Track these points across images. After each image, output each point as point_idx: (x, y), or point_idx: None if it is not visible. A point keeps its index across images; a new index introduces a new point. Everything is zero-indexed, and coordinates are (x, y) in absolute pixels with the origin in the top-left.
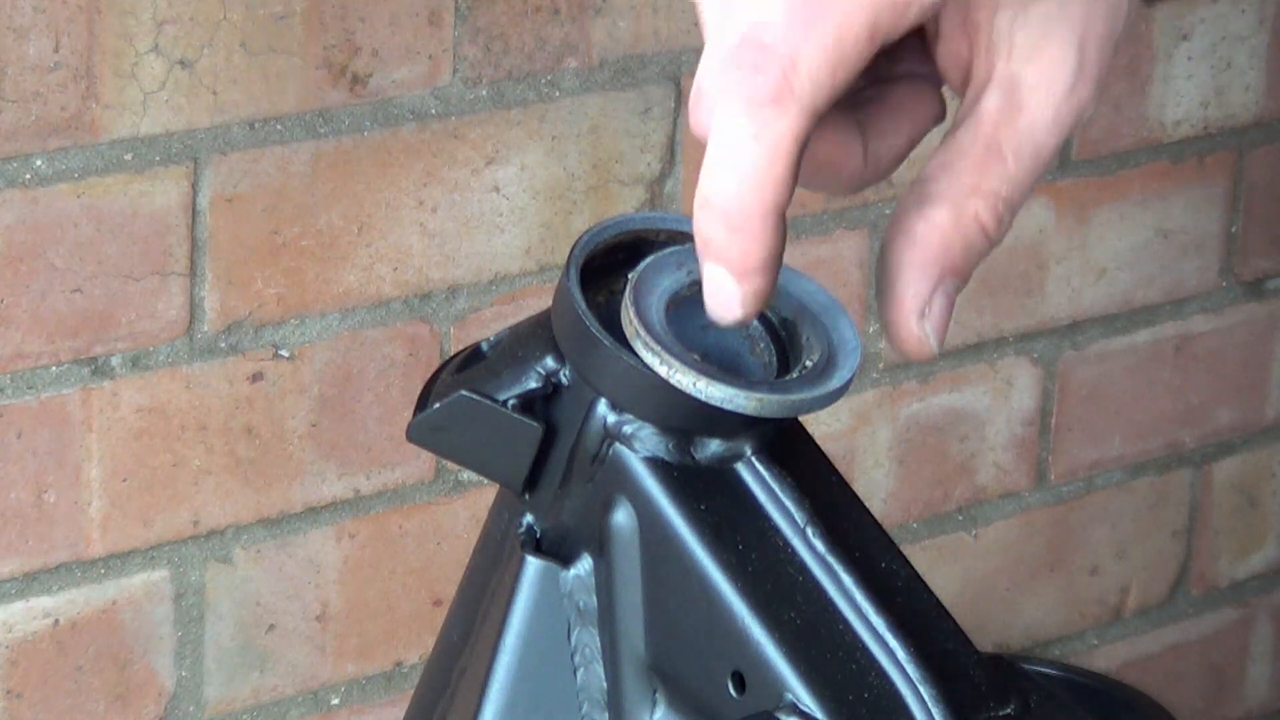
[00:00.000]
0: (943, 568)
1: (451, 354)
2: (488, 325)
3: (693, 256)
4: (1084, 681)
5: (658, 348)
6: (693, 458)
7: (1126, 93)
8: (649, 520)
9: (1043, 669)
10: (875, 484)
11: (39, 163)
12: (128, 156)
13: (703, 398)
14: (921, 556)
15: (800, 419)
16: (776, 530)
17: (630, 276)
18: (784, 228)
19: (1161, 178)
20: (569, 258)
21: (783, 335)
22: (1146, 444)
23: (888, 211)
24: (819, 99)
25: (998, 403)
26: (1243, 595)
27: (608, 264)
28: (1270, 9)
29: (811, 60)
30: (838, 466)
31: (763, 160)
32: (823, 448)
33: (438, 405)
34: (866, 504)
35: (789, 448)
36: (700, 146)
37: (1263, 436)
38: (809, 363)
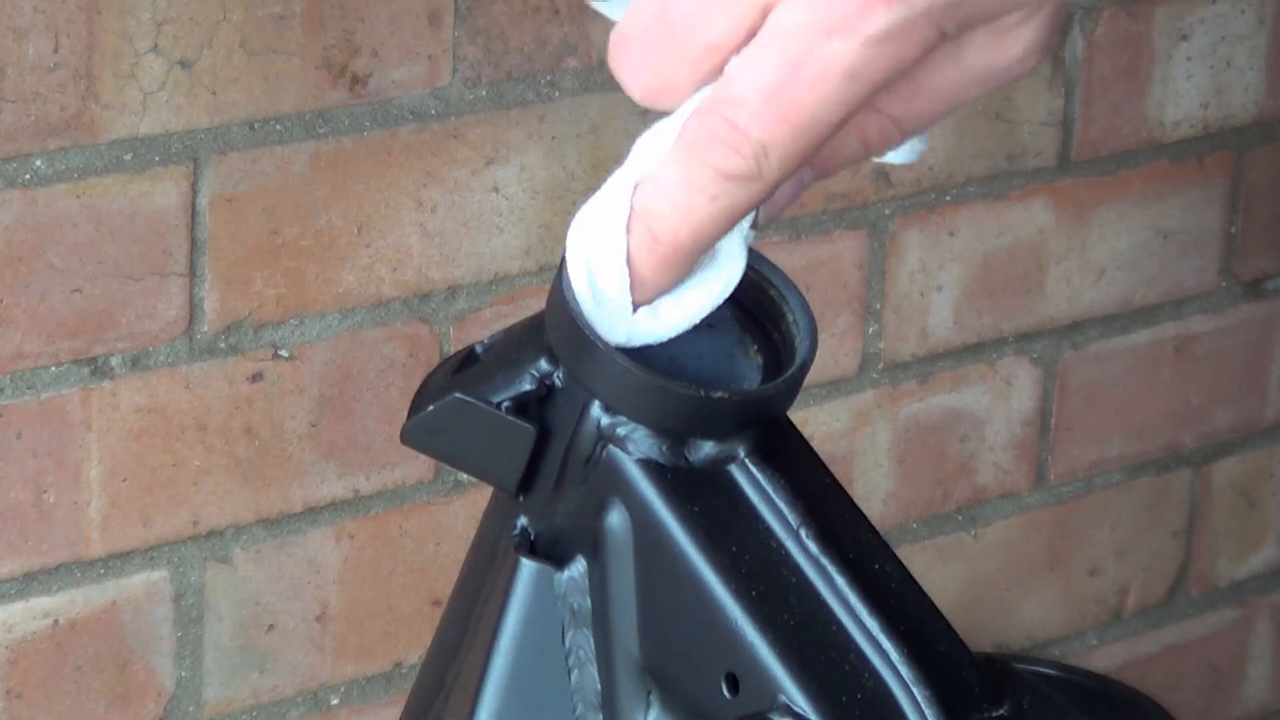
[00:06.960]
0: (943, 568)
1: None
2: (487, 325)
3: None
4: (1084, 682)
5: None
6: (686, 460)
7: (1126, 93)
8: (643, 522)
9: (1041, 669)
10: (875, 484)
11: (39, 163)
12: (127, 157)
13: None
14: (921, 556)
15: (796, 421)
16: (770, 532)
17: None
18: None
19: (1161, 178)
20: (562, 260)
21: (775, 338)
22: (1146, 444)
23: (888, 211)
24: (784, 175)
25: (997, 403)
26: (1242, 595)
27: None
28: (1270, 9)
29: (783, 149)
30: (837, 467)
31: (710, 218)
32: (822, 448)
33: (431, 408)
34: (866, 504)
35: (782, 450)
36: None
37: (1262, 437)
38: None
